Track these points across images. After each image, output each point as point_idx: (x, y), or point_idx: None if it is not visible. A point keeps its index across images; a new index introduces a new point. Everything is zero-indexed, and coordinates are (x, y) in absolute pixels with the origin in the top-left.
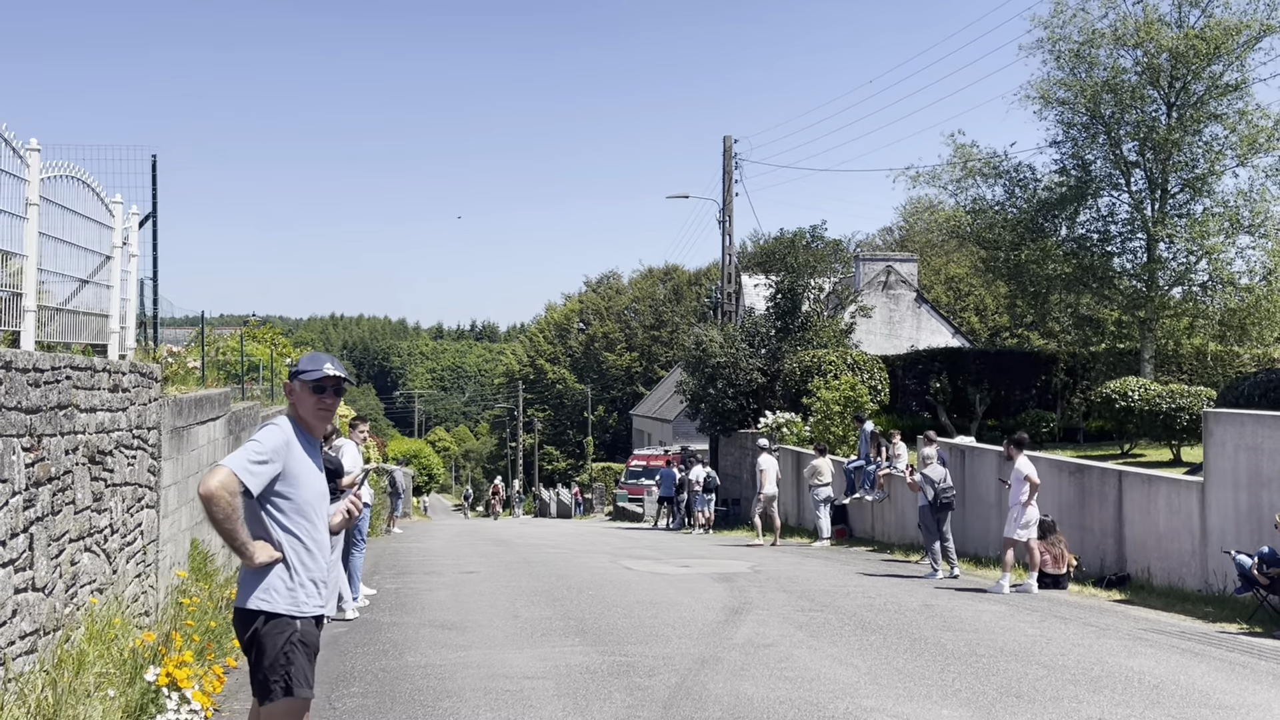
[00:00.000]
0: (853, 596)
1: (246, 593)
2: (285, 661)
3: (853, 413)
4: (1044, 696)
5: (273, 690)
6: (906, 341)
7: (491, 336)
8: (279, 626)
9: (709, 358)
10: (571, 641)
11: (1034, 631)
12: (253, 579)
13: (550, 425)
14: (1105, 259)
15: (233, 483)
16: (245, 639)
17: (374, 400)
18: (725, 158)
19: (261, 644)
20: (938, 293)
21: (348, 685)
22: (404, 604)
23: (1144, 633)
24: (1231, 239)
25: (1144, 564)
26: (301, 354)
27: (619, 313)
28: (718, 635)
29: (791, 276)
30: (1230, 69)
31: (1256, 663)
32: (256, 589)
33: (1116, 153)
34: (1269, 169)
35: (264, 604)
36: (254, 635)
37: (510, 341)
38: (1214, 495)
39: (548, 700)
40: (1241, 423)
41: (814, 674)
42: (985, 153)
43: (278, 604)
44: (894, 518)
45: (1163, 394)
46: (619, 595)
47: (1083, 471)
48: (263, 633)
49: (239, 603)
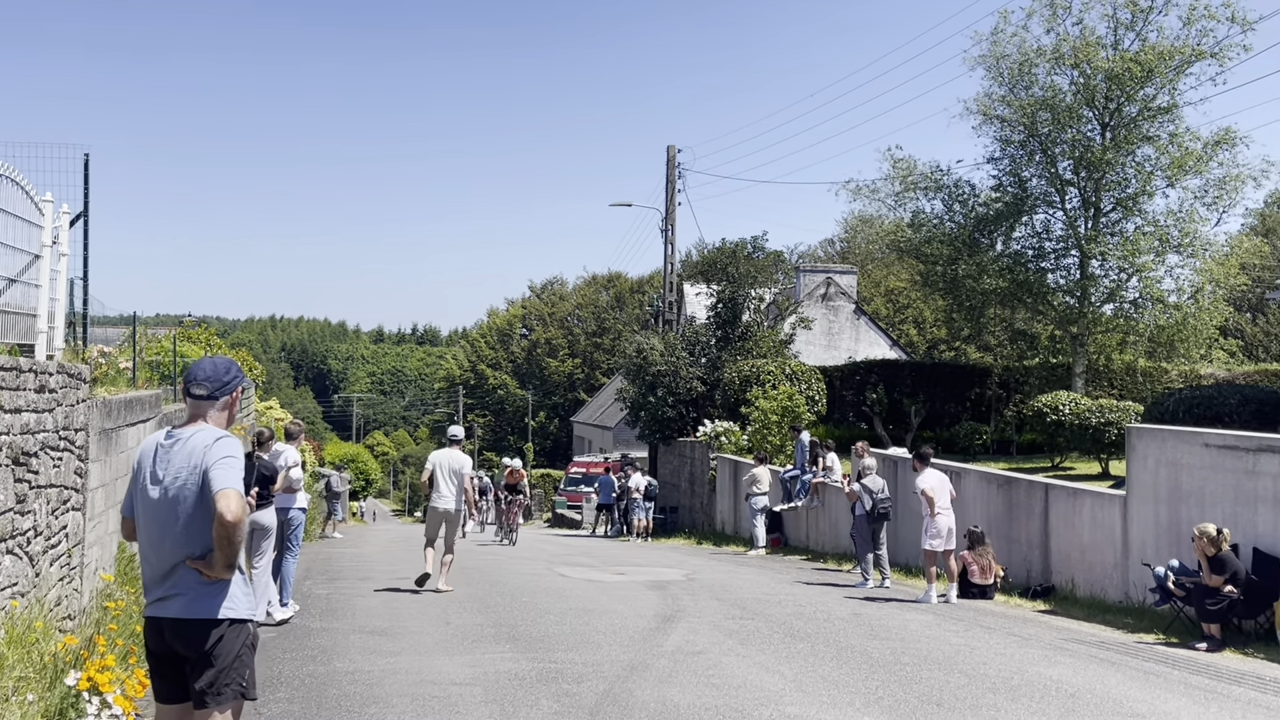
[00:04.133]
0: (784, 605)
1: (212, 603)
2: (241, 665)
3: (790, 423)
4: (964, 704)
5: (224, 693)
6: (845, 353)
7: (433, 341)
8: (240, 631)
9: (650, 366)
10: (502, 648)
11: (958, 641)
12: (217, 588)
13: (490, 431)
14: (1040, 275)
15: (246, 505)
16: (204, 648)
17: (312, 403)
18: (669, 167)
19: (221, 649)
20: (877, 305)
21: (274, 691)
22: (334, 610)
23: (1065, 643)
24: (1161, 258)
25: (1068, 575)
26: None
27: (562, 319)
28: (648, 642)
29: (733, 286)
30: (1162, 92)
31: (1170, 672)
32: (223, 598)
33: (1052, 170)
34: (1197, 190)
35: (230, 611)
36: (218, 642)
37: (452, 346)
38: (1136, 509)
39: (475, 706)
40: (1163, 438)
41: (741, 681)
42: (925, 167)
43: (240, 609)
44: (828, 527)
45: (1092, 408)
46: (552, 602)
47: (1011, 484)
48: (226, 638)
49: (202, 613)
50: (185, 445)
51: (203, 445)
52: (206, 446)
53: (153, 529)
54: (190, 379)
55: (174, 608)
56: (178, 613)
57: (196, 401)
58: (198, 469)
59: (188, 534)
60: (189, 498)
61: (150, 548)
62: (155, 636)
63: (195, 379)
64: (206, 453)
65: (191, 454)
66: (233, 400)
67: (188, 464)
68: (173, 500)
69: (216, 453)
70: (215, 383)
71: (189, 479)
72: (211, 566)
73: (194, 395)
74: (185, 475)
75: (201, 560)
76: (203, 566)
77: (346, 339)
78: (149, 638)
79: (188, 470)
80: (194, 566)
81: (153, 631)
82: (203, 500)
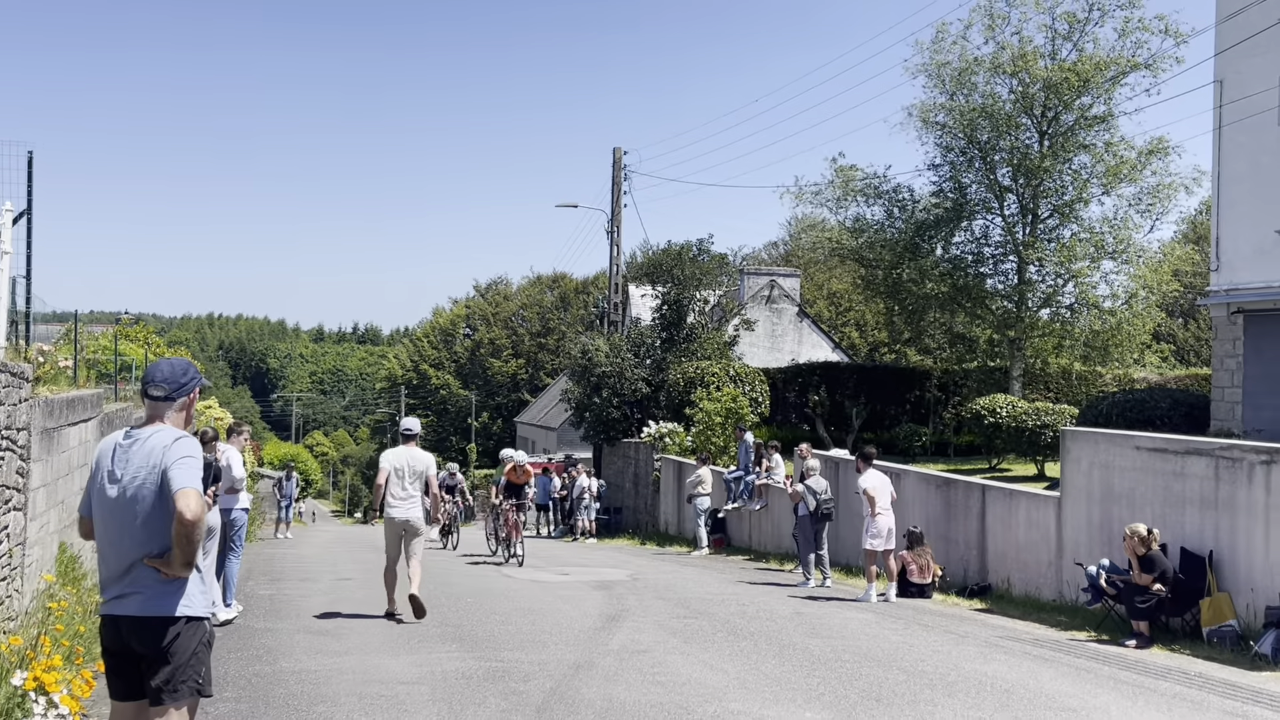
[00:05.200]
0: (727, 604)
1: (169, 601)
2: (197, 662)
3: (734, 424)
4: (902, 700)
5: (180, 690)
6: (788, 355)
7: (374, 340)
8: (196, 629)
9: (594, 367)
10: (449, 648)
11: (897, 638)
12: (175, 586)
13: (433, 431)
14: (979, 280)
15: (205, 504)
16: (161, 646)
17: (250, 403)
18: (614, 169)
19: (178, 647)
20: (821, 307)
21: (220, 690)
22: (278, 610)
23: (1000, 640)
24: (1096, 264)
25: (1004, 574)
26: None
27: (506, 319)
28: (594, 641)
29: (678, 288)
30: (1098, 102)
31: (1100, 668)
32: (181, 595)
33: (991, 177)
34: (1132, 198)
35: (188, 609)
36: (175, 640)
37: (394, 345)
38: (1069, 510)
39: (422, 705)
40: (1095, 441)
41: (685, 679)
42: (867, 173)
43: (197, 607)
44: (770, 527)
45: (1029, 411)
46: (498, 603)
47: (949, 485)
48: (183, 635)
49: (159, 611)
50: (144, 445)
51: (161, 445)
52: (165, 447)
53: (111, 528)
54: (148, 380)
55: (132, 605)
56: (135, 610)
57: (154, 402)
58: (156, 469)
59: (146, 532)
60: (147, 497)
61: (108, 546)
62: (112, 634)
63: (153, 380)
64: (165, 453)
65: (150, 454)
66: (190, 401)
67: (147, 464)
68: (131, 499)
69: (175, 453)
70: (172, 384)
71: (148, 478)
72: (170, 565)
73: (151, 396)
74: (144, 475)
75: (160, 558)
76: (161, 565)
77: (286, 337)
78: (105, 635)
79: (146, 470)
80: (152, 565)
81: (110, 629)
82: (161, 499)
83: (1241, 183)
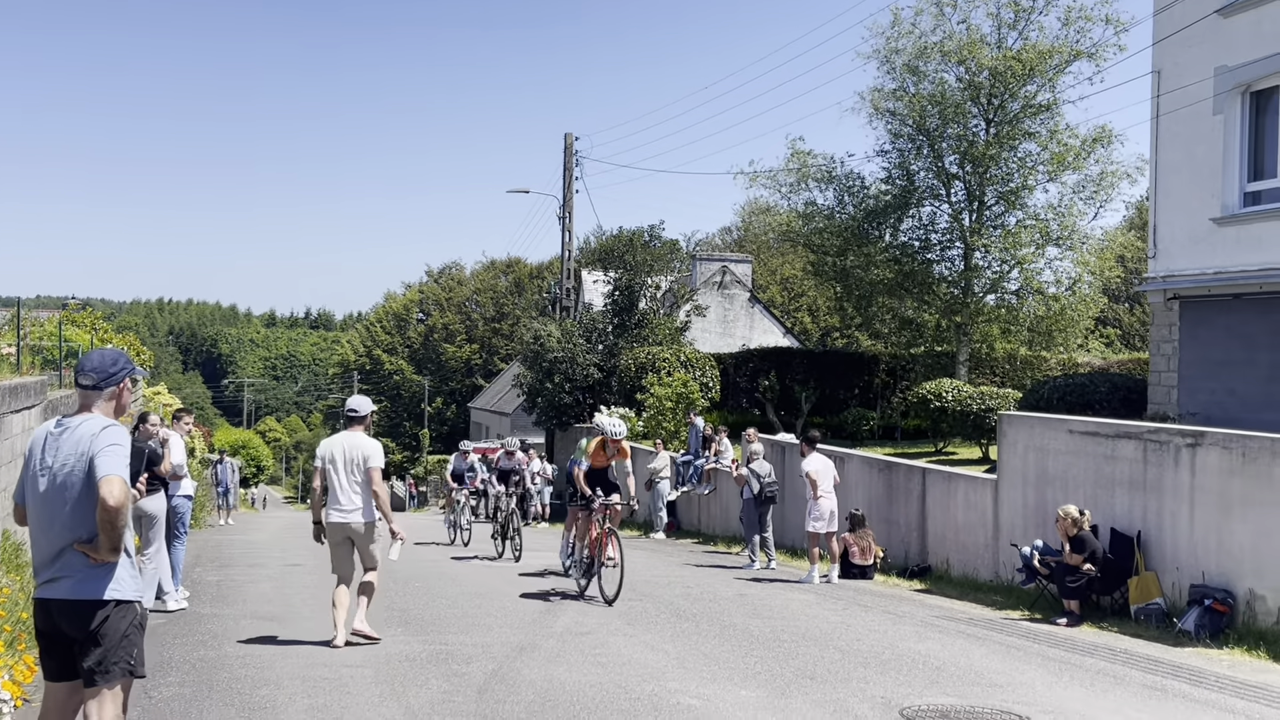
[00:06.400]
0: (672, 586)
1: (98, 584)
2: (129, 644)
3: (685, 409)
4: (836, 678)
5: (112, 671)
6: (740, 340)
7: (327, 325)
8: (126, 612)
9: (547, 352)
10: (394, 631)
11: (836, 619)
12: (103, 571)
13: (386, 417)
14: (926, 266)
15: (129, 490)
16: (91, 628)
17: (201, 388)
18: (566, 154)
19: (107, 629)
20: (773, 292)
21: (165, 675)
22: (225, 596)
23: (936, 619)
24: (1041, 250)
25: (944, 556)
26: (125, 340)
27: (460, 304)
28: (538, 624)
29: (630, 274)
30: (1043, 90)
31: (1030, 646)
32: (109, 580)
33: (939, 164)
34: (1076, 185)
35: (116, 593)
36: (104, 622)
37: (346, 331)
38: (1006, 492)
39: (365, 687)
40: (1031, 425)
41: (626, 659)
42: (820, 160)
43: (126, 591)
44: (719, 511)
45: (974, 395)
46: (445, 587)
47: (891, 468)
48: (112, 618)
49: (88, 594)
50: (74, 434)
51: (90, 434)
52: (93, 435)
53: (43, 514)
54: (78, 369)
55: (61, 589)
56: (65, 594)
57: (84, 391)
58: (84, 456)
59: (75, 518)
60: (76, 484)
61: (40, 532)
62: (44, 617)
63: (83, 369)
64: (93, 441)
65: (79, 442)
66: (120, 391)
67: (75, 451)
68: (61, 486)
69: (102, 441)
70: (101, 374)
71: (76, 466)
72: (98, 550)
73: (81, 385)
74: (73, 462)
75: (88, 544)
76: (89, 550)
77: (237, 322)
78: (38, 618)
79: (75, 457)
80: (81, 550)
81: (41, 612)
82: (89, 486)
83: (1178, 172)
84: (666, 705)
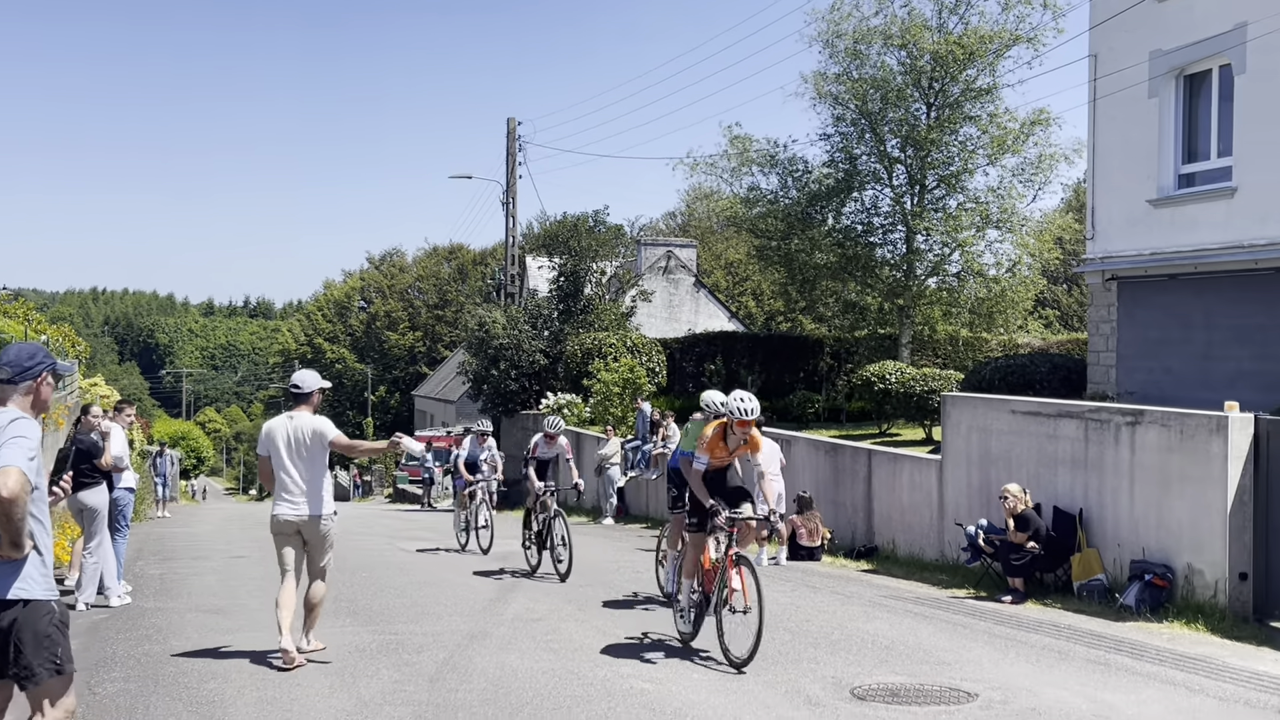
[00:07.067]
0: (623, 572)
1: (3, 584)
2: (51, 643)
3: (632, 394)
4: (787, 659)
5: (39, 673)
6: (685, 325)
7: (266, 314)
8: (40, 610)
9: (492, 339)
10: (343, 622)
11: (785, 600)
12: (10, 569)
13: (329, 406)
14: (869, 249)
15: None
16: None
17: (139, 379)
18: (509, 140)
19: (23, 630)
20: (718, 277)
21: (109, 670)
22: (169, 589)
23: (884, 599)
24: (982, 233)
25: (890, 536)
26: (59, 331)
27: (402, 291)
28: (489, 612)
29: (574, 260)
30: (983, 74)
31: (976, 623)
32: (15, 579)
33: (881, 148)
34: (1015, 168)
35: (23, 592)
36: (14, 624)
37: (286, 319)
38: (950, 472)
39: (315, 679)
40: (974, 405)
41: (578, 645)
42: (762, 144)
43: (35, 590)
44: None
45: (916, 377)
46: (393, 576)
47: (837, 450)
48: (23, 619)
49: None
50: None
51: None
52: (1, 427)
53: None
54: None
55: None
56: None
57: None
58: None
59: None
60: None
61: None
62: None
63: None
64: (1, 433)
65: None
66: (37, 385)
67: None
68: None
69: (8, 433)
70: (16, 367)
71: None
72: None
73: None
74: None
75: None
76: None
77: (175, 312)
78: None
79: None
80: None
81: None
82: None
83: (1114, 155)
84: (619, 690)
